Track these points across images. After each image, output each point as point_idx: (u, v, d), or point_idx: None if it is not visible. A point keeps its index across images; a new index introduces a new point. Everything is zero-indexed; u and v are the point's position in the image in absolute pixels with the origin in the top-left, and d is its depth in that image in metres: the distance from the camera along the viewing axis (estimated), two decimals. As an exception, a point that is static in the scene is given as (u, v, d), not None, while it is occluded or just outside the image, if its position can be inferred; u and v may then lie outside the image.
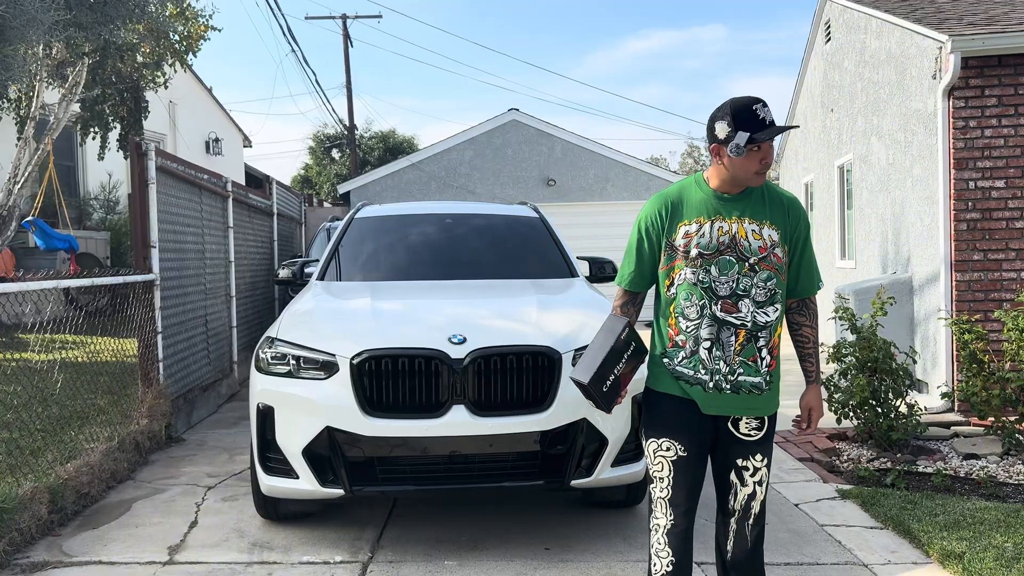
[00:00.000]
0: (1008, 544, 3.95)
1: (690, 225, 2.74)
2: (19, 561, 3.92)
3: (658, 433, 2.82)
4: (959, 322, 5.90)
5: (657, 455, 2.82)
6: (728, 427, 2.80)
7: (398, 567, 3.87)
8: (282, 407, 3.96)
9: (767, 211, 2.75)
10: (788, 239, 2.76)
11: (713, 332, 2.71)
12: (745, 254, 2.70)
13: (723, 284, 2.70)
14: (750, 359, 2.72)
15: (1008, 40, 6.79)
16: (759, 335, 2.72)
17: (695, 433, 2.79)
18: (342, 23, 24.87)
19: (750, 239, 2.70)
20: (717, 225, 2.72)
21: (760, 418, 2.79)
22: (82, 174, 14.38)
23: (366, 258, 5.60)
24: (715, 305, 2.70)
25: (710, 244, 2.71)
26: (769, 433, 2.83)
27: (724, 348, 2.71)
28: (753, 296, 2.70)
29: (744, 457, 2.81)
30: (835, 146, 11.00)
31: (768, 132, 2.63)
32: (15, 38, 6.32)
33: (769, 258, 2.71)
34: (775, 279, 2.72)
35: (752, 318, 2.70)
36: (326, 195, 31.47)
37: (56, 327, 5.65)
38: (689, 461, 2.79)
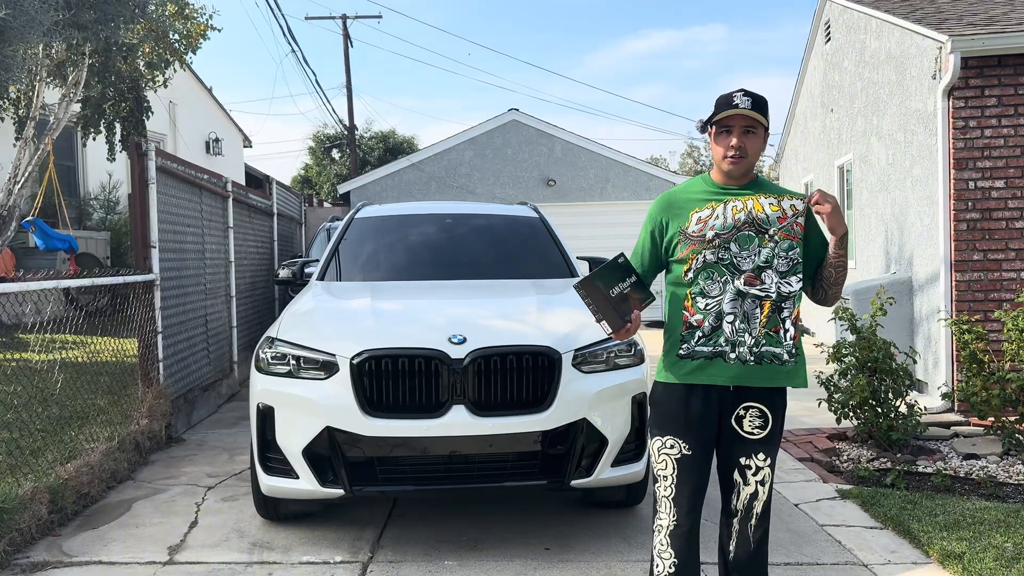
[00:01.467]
0: (1008, 544, 3.95)
1: (702, 211, 2.77)
2: (19, 561, 3.92)
3: (663, 430, 2.82)
4: (959, 322, 5.90)
5: (661, 453, 2.82)
6: (732, 424, 2.78)
7: (398, 567, 3.87)
8: (282, 407, 3.96)
9: (779, 191, 2.81)
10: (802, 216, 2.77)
11: (737, 306, 2.72)
12: (763, 226, 2.73)
13: (745, 259, 2.72)
14: (773, 330, 2.73)
15: (1008, 40, 6.80)
16: (783, 306, 2.73)
17: (701, 431, 2.78)
18: (342, 23, 24.89)
19: (767, 211, 2.74)
20: (731, 205, 2.75)
21: (764, 415, 2.77)
22: (82, 174, 14.38)
23: (366, 258, 5.61)
24: (738, 279, 2.72)
25: (726, 224, 2.73)
26: (774, 432, 2.81)
27: (749, 321, 2.72)
28: (776, 267, 2.73)
29: (747, 455, 2.79)
30: (835, 146, 11.00)
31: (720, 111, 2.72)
32: (15, 39, 6.32)
33: (790, 227, 2.74)
34: (796, 248, 2.74)
35: (777, 289, 2.72)
36: (326, 195, 31.47)
37: (56, 327, 5.65)
38: (694, 460, 2.79)
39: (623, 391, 4.06)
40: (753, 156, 2.76)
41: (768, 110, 2.77)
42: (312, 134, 37.87)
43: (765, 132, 2.79)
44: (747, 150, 2.73)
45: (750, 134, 2.74)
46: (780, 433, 2.83)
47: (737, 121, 2.72)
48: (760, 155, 2.83)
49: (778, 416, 2.82)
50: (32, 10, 6.29)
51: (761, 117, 2.73)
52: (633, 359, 4.17)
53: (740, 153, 2.72)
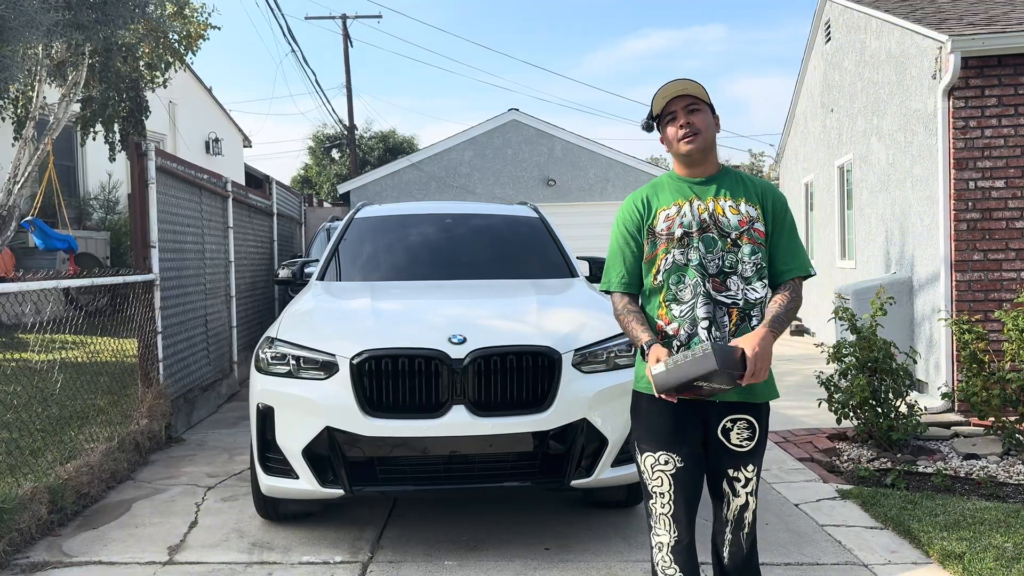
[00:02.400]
0: (1008, 544, 3.95)
1: (669, 208, 2.71)
2: (19, 561, 3.92)
3: (654, 446, 2.71)
4: (959, 322, 5.89)
5: (655, 470, 2.71)
6: (719, 436, 2.70)
7: (398, 567, 3.87)
8: (282, 407, 3.96)
9: (742, 190, 2.72)
10: (767, 217, 2.71)
11: (710, 311, 2.63)
12: (725, 230, 2.66)
13: (711, 262, 2.65)
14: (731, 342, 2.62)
15: (1008, 40, 6.79)
16: (751, 313, 2.65)
17: (690, 440, 2.69)
18: (342, 23, 24.89)
19: (728, 215, 2.67)
20: (696, 204, 2.69)
21: (751, 427, 2.69)
22: (82, 174, 14.38)
23: (366, 258, 5.60)
24: (707, 283, 2.64)
25: (693, 222, 2.67)
26: (760, 442, 2.73)
27: (720, 328, 2.63)
28: (740, 272, 2.65)
29: (735, 467, 2.72)
30: (835, 146, 11.00)
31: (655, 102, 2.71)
32: (14, 38, 6.32)
33: (751, 231, 2.67)
34: (760, 253, 2.68)
35: (743, 296, 2.65)
36: (326, 195, 31.47)
37: (56, 327, 5.65)
38: (687, 471, 2.70)
39: (623, 391, 4.02)
40: (706, 131, 2.68)
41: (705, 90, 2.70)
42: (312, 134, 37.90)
43: (711, 110, 2.72)
44: (698, 125, 2.66)
45: (695, 111, 2.67)
46: (764, 444, 2.77)
47: (677, 104, 2.67)
48: (715, 133, 2.73)
49: (763, 427, 2.75)
50: (32, 10, 6.28)
51: (698, 90, 2.67)
52: (633, 359, 4.16)
53: (692, 129, 2.66)
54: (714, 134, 2.72)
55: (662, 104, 2.70)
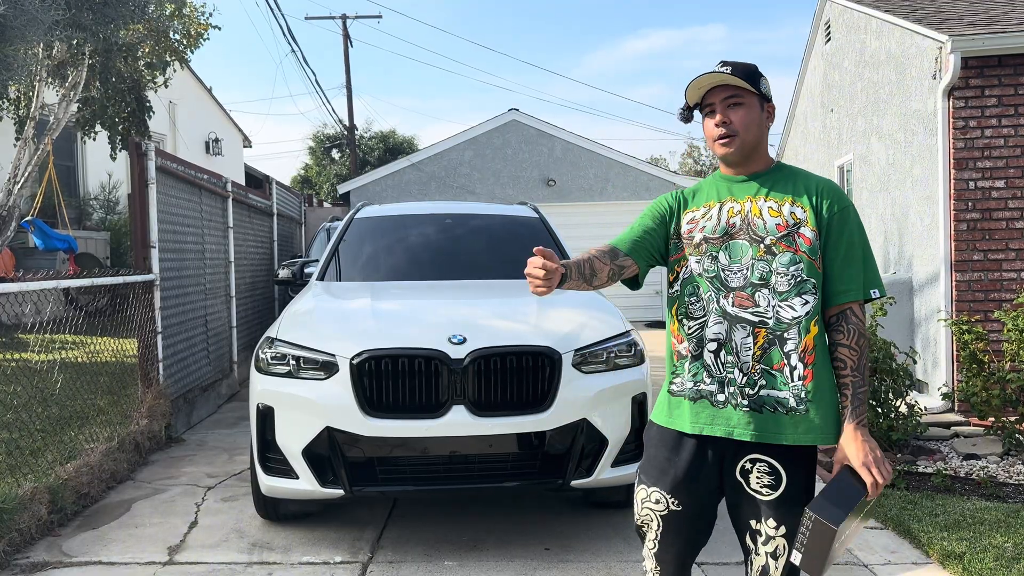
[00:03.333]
0: (1008, 544, 3.95)
1: (697, 211, 2.34)
2: (19, 561, 3.92)
3: (649, 479, 2.35)
4: (959, 322, 5.89)
5: (644, 505, 2.36)
6: (737, 477, 2.25)
7: (398, 567, 3.86)
8: (282, 407, 3.96)
9: (792, 188, 2.29)
10: (819, 222, 2.24)
11: (722, 331, 2.23)
12: (759, 234, 2.23)
13: (736, 273, 2.23)
14: (774, 367, 2.20)
15: (1008, 40, 6.79)
16: (786, 336, 2.19)
17: (695, 485, 2.29)
18: (342, 23, 24.88)
19: (765, 216, 2.24)
20: (727, 207, 2.29)
21: (775, 472, 2.20)
22: (82, 174, 14.38)
23: (366, 258, 5.60)
24: (725, 298, 2.24)
25: (716, 228, 2.28)
26: (790, 496, 2.20)
27: (739, 353, 2.21)
28: (773, 286, 2.20)
29: (756, 519, 2.25)
30: (835, 146, 11.00)
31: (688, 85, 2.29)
32: (15, 38, 6.32)
33: (792, 238, 2.21)
34: (802, 263, 2.20)
35: (775, 313, 2.20)
36: (326, 195, 31.47)
37: (56, 327, 5.65)
38: (683, 518, 2.31)
39: (623, 391, 4.05)
40: (747, 132, 2.26)
41: (759, 78, 2.28)
42: (312, 134, 37.92)
43: (762, 102, 2.29)
44: (735, 125, 2.25)
45: (737, 106, 2.26)
46: (801, 499, 2.21)
47: (716, 95, 2.27)
48: (763, 130, 2.31)
49: (797, 476, 2.22)
50: (32, 9, 6.28)
51: (740, 80, 2.23)
52: (633, 359, 4.17)
53: (728, 130, 2.25)
54: (761, 132, 2.30)
55: (697, 96, 2.31)
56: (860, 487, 2.11)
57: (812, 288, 2.21)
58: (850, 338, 2.22)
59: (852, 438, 2.15)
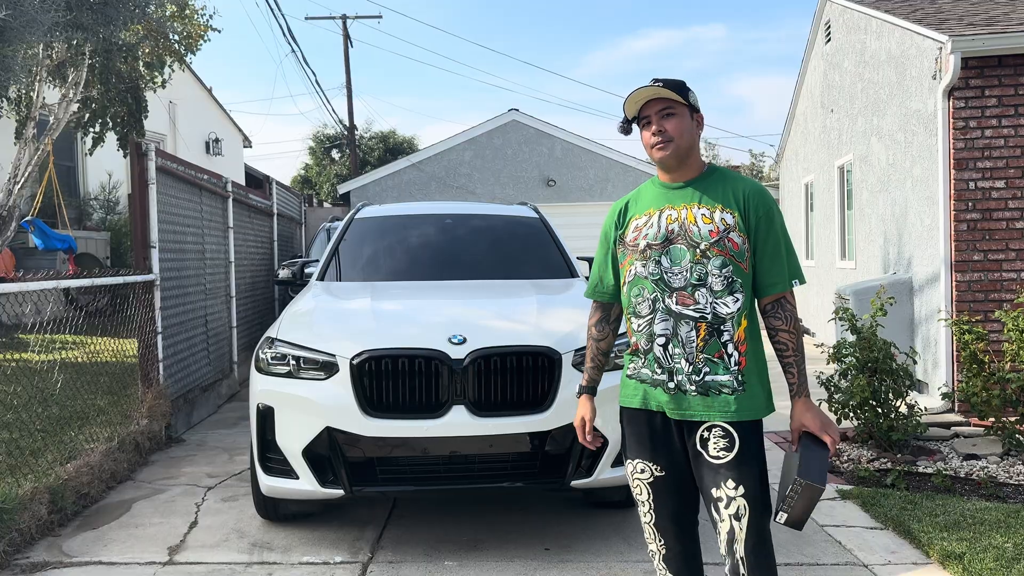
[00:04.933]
0: (1008, 544, 3.95)
1: (640, 218, 2.60)
2: (19, 561, 3.92)
3: (631, 452, 2.64)
4: (959, 322, 5.89)
5: (634, 478, 2.63)
6: (697, 447, 2.50)
7: (398, 567, 3.86)
8: (282, 407, 3.96)
9: (722, 196, 2.53)
10: (746, 225, 2.51)
11: (669, 327, 2.50)
12: (695, 239, 2.49)
13: (676, 275, 2.50)
14: (715, 355, 2.48)
15: (1008, 40, 6.79)
16: (722, 328, 2.48)
17: (670, 450, 2.56)
18: (342, 23, 24.88)
19: (699, 224, 2.49)
20: (666, 214, 2.55)
21: (728, 435, 2.46)
22: (82, 174, 14.38)
23: (366, 258, 5.60)
24: (669, 298, 2.50)
25: (658, 234, 2.53)
26: (743, 457, 2.45)
27: (685, 345, 2.49)
28: (710, 285, 2.47)
29: (716, 485, 2.47)
30: (835, 146, 11.00)
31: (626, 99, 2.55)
32: (15, 39, 6.32)
33: (723, 243, 2.48)
34: (731, 266, 2.47)
35: (712, 309, 2.47)
36: (326, 195, 31.47)
37: (56, 327, 5.65)
38: (668, 482, 2.57)
39: (623, 391, 4.04)
40: (681, 138, 2.50)
41: (687, 91, 2.53)
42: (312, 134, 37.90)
43: (691, 112, 2.54)
44: (670, 132, 2.49)
45: (670, 116, 2.50)
46: (754, 462, 2.48)
47: (651, 108, 2.51)
48: (695, 136, 2.57)
49: (749, 442, 2.48)
50: (32, 10, 6.28)
51: (672, 93, 2.48)
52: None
53: (664, 137, 2.50)
54: (692, 138, 2.55)
55: (635, 109, 2.56)
56: (823, 448, 2.43)
57: (740, 287, 2.50)
58: (788, 323, 2.53)
59: (806, 408, 2.49)
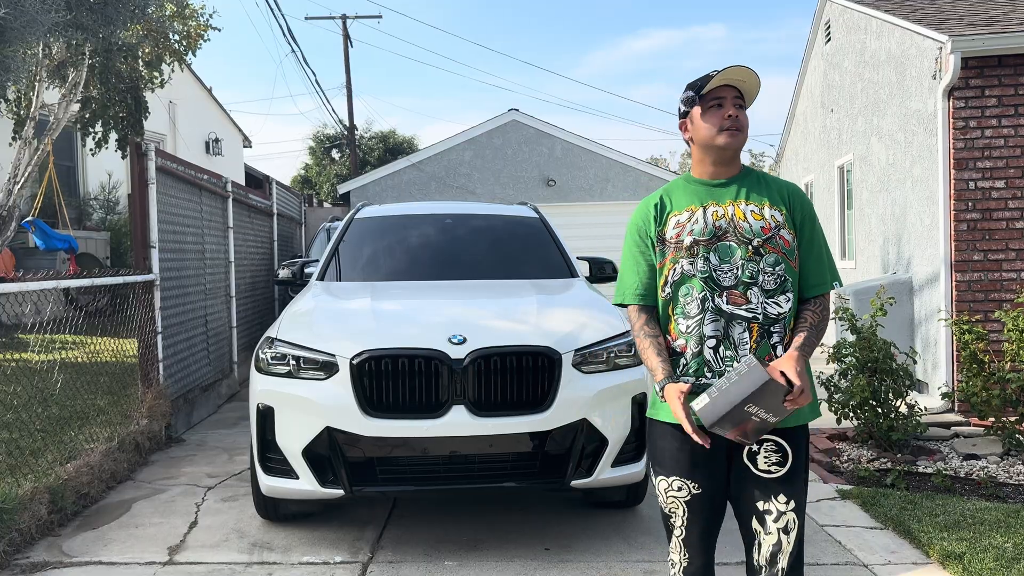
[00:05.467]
0: (1008, 544, 3.95)
1: (681, 215, 2.47)
2: (19, 561, 3.92)
3: (667, 470, 2.49)
4: (959, 322, 5.90)
5: (669, 495, 2.49)
6: (744, 461, 2.42)
7: (398, 567, 3.86)
8: (282, 407, 3.96)
9: (766, 192, 2.48)
10: (793, 223, 2.46)
11: (719, 328, 2.38)
12: (746, 235, 2.40)
13: (726, 273, 2.39)
14: (766, 358, 2.36)
15: (1008, 40, 6.80)
16: (772, 329, 2.38)
17: (708, 466, 2.44)
18: (342, 23, 24.87)
19: (750, 219, 2.42)
20: (711, 210, 2.45)
21: (782, 450, 2.38)
22: (82, 174, 14.38)
23: (366, 258, 5.60)
24: (719, 297, 2.39)
25: (705, 229, 2.42)
26: (796, 468, 2.40)
27: (737, 347, 2.37)
28: (761, 284, 2.38)
29: (765, 499, 2.40)
30: (835, 146, 10.99)
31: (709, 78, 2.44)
32: (15, 39, 6.32)
33: (775, 240, 2.41)
34: (784, 264, 2.40)
35: (763, 310, 2.38)
36: (326, 195, 31.46)
37: (56, 327, 5.65)
38: (703, 499, 2.46)
39: (623, 391, 4.05)
40: (746, 133, 2.47)
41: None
42: (312, 134, 37.90)
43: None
44: (741, 122, 2.43)
45: (742, 108, 2.46)
46: (804, 471, 2.44)
47: (728, 92, 2.44)
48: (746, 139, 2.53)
49: (800, 451, 2.42)
50: (32, 10, 6.28)
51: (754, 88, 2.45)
52: (633, 359, 4.17)
53: (737, 124, 2.42)
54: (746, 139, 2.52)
55: (717, 84, 2.44)
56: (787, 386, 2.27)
57: (791, 286, 2.43)
58: (816, 307, 2.46)
59: (795, 358, 2.31)
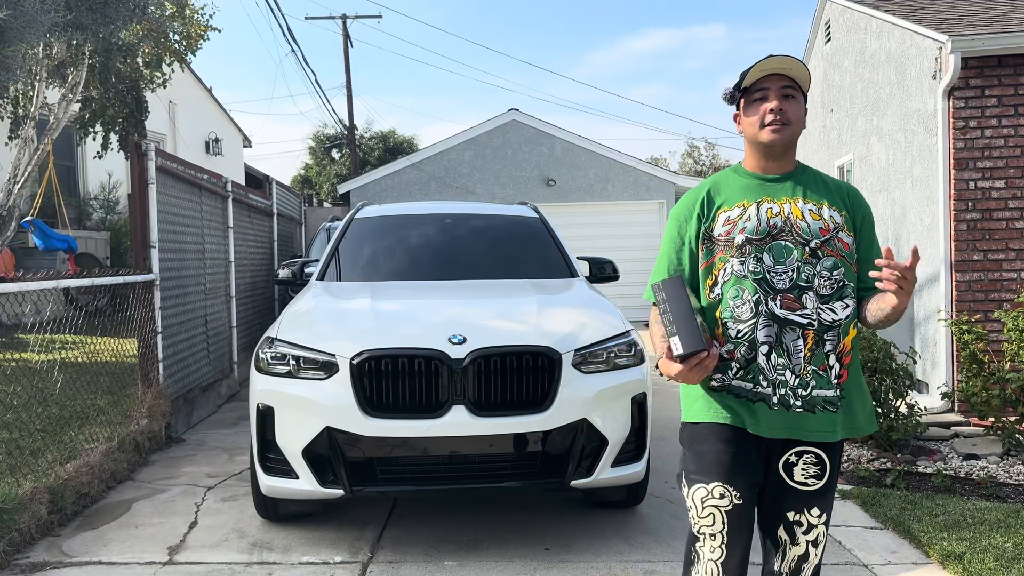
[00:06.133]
0: (1008, 544, 3.95)
1: (732, 210, 2.30)
2: (19, 561, 3.92)
3: (707, 476, 2.28)
4: (959, 322, 5.90)
5: (707, 505, 2.28)
6: (780, 472, 2.31)
7: (398, 567, 3.86)
8: (282, 407, 3.96)
9: (825, 192, 2.32)
10: (853, 225, 2.31)
11: (772, 334, 2.24)
12: (803, 236, 2.25)
13: (781, 275, 2.23)
14: (820, 367, 2.24)
15: (1008, 40, 6.80)
16: (825, 337, 2.24)
17: (750, 474, 2.29)
18: (342, 23, 24.88)
19: (808, 219, 2.26)
20: (766, 207, 2.28)
21: (821, 462, 2.29)
22: (82, 174, 14.38)
23: (366, 258, 5.60)
24: (773, 301, 2.23)
25: (759, 228, 2.26)
26: (831, 483, 2.32)
27: (791, 354, 2.23)
28: (817, 288, 2.23)
29: (798, 510, 2.31)
30: (835, 146, 11.00)
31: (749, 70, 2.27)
32: (15, 39, 6.32)
33: (833, 242, 2.25)
34: (843, 268, 2.25)
35: (818, 316, 2.23)
36: (326, 195, 31.47)
37: (56, 327, 5.65)
38: (745, 511, 2.29)
39: (623, 391, 4.05)
40: (796, 124, 2.28)
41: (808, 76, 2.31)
42: (312, 134, 37.90)
43: (804, 100, 2.33)
44: (789, 115, 2.26)
45: (791, 98, 2.27)
46: (835, 485, 2.37)
47: (774, 82, 2.27)
48: (802, 128, 2.33)
49: (836, 465, 2.34)
50: (32, 10, 6.28)
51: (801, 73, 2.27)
52: (633, 359, 4.17)
53: (783, 117, 2.25)
54: (801, 129, 2.33)
55: (756, 77, 2.28)
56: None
57: (851, 292, 2.28)
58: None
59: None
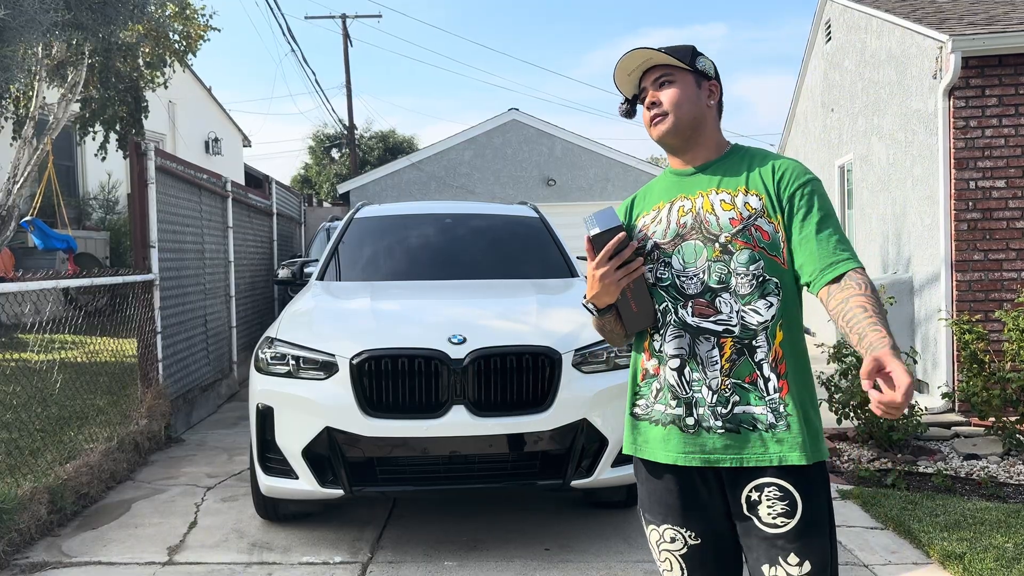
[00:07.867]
0: (1008, 544, 3.94)
1: (648, 215, 2.10)
2: (18, 561, 3.91)
3: (655, 516, 2.05)
4: (959, 322, 5.89)
5: (661, 549, 2.05)
6: (744, 512, 1.94)
7: (398, 567, 3.86)
8: (282, 407, 3.96)
9: (746, 176, 2.02)
10: (777, 206, 1.97)
11: (684, 346, 1.97)
12: (712, 232, 1.97)
13: (691, 278, 1.97)
14: (745, 380, 1.94)
15: (1008, 40, 6.79)
16: (754, 344, 1.94)
17: (705, 511, 2.00)
18: (342, 23, 24.89)
19: (718, 211, 1.98)
20: (678, 206, 2.04)
21: (788, 496, 1.90)
22: (81, 174, 14.38)
23: (366, 258, 5.60)
24: (684, 308, 1.98)
25: (667, 231, 2.03)
26: (811, 520, 1.90)
27: (706, 367, 1.95)
28: (734, 288, 1.94)
29: (771, 561, 1.91)
30: (835, 146, 10.99)
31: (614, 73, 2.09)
32: (14, 39, 6.32)
33: (747, 232, 1.95)
34: (762, 261, 1.94)
35: (739, 319, 1.94)
36: (326, 195, 31.47)
37: (55, 327, 5.64)
38: (706, 550, 2.00)
39: (623, 391, 4.01)
40: (678, 109, 2.01)
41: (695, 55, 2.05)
42: (312, 134, 37.89)
43: (698, 79, 2.05)
44: (665, 104, 2.01)
45: (668, 84, 2.02)
46: (824, 526, 1.93)
47: (648, 79, 2.05)
48: (703, 110, 2.05)
49: (814, 495, 1.92)
50: (32, 10, 6.28)
51: (665, 56, 2.01)
52: (633, 359, 4.16)
53: (657, 110, 2.02)
54: (699, 110, 2.04)
55: (631, 84, 2.10)
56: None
57: (775, 288, 1.95)
58: (863, 288, 1.87)
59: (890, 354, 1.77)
